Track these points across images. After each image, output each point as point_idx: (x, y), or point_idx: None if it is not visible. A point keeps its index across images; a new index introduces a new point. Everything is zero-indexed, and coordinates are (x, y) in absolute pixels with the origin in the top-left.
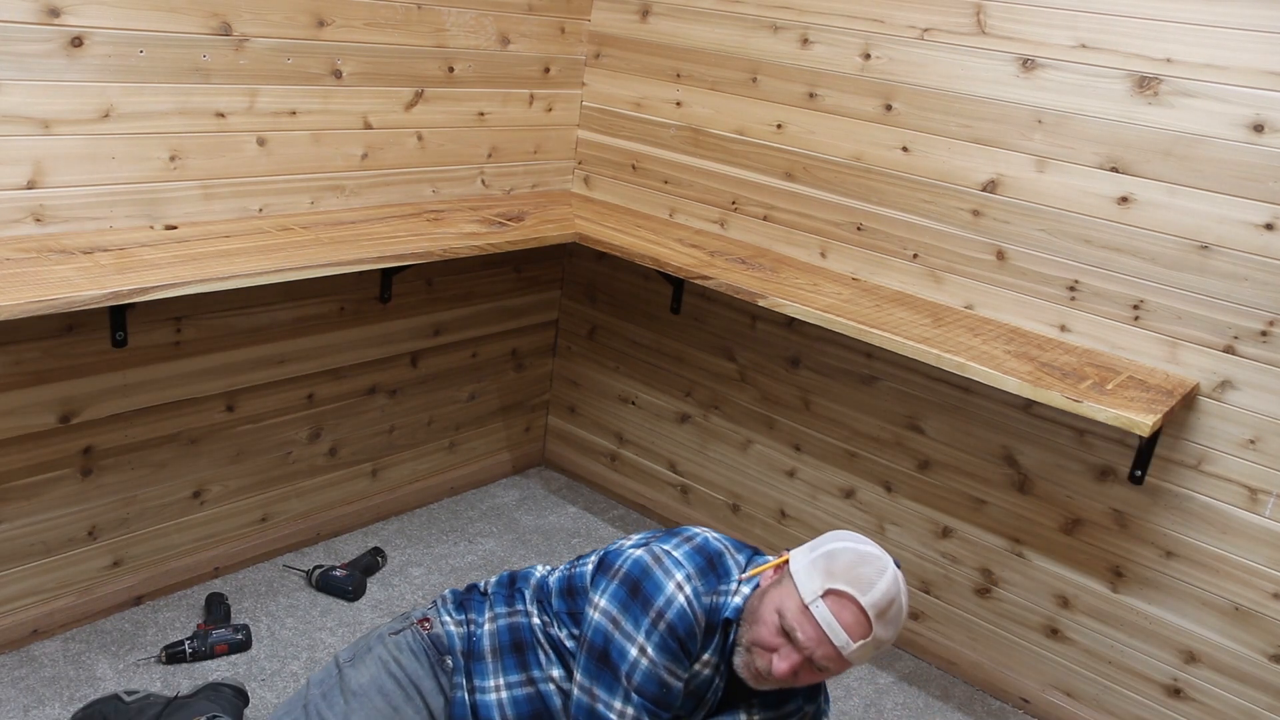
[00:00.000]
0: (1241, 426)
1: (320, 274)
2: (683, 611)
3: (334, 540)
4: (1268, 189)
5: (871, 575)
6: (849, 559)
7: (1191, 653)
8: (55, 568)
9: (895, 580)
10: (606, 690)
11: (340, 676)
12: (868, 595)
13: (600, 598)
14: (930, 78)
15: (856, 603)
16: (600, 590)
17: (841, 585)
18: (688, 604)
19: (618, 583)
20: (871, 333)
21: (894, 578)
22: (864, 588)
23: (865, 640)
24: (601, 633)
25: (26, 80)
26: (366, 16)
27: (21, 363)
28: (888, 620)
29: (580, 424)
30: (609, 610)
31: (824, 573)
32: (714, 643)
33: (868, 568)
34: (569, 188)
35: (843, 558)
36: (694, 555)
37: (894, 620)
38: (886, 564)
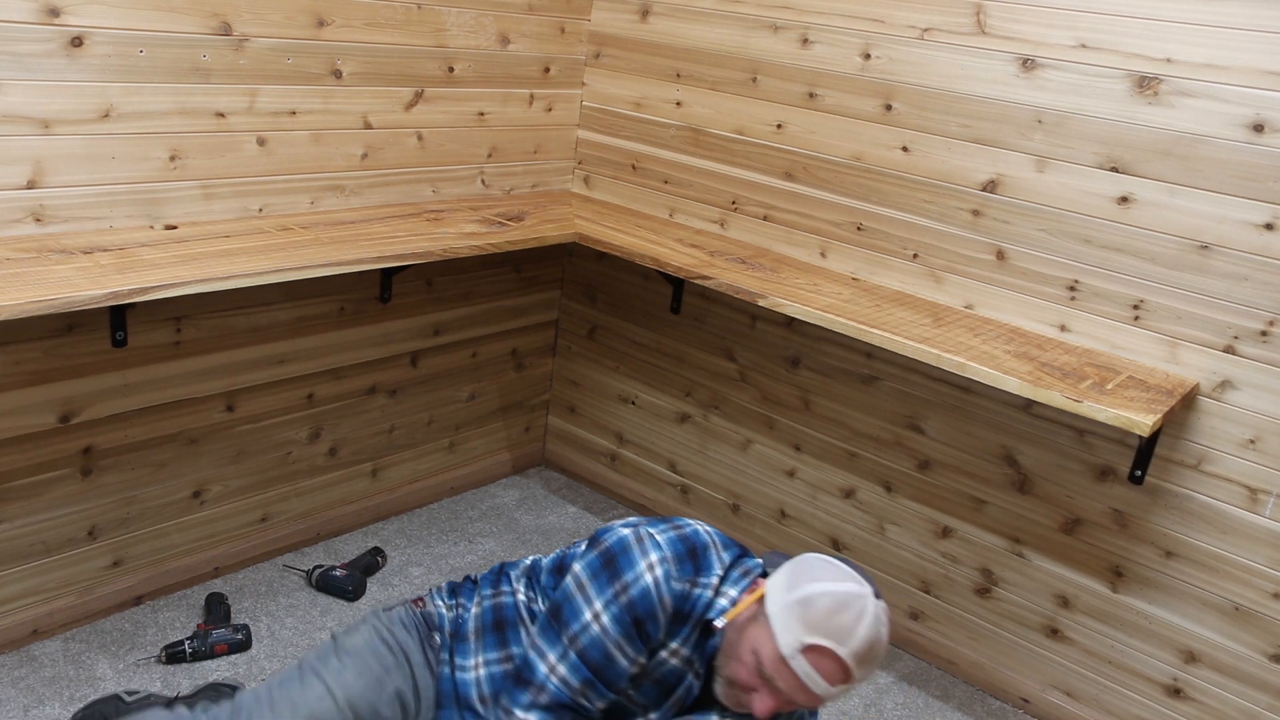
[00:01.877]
0: (1241, 426)
1: (320, 274)
2: (646, 591)
3: (334, 540)
4: (1268, 189)
5: (850, 622)
6: (827, 605)
7: (1191, 653)
8: (55, 568)
9: (875, 620)
10: (548, 644)
11: (335, 642)
12: (847, 645)
13: (577, 564)
14: (930, 78)
15: (835, 655)
16: (579, 559)
17: (820, 640)
18: (654, 585)
19: (596, 554)
20: (871, 333)
21: (874, 618)
22: (843, 638)
23: (846, 685)
24: (565, 593)
25: (26, 80)
26: (366, 16)
27: (21, 363)
28: (868, 661)
29: (580, 424)
30: (579, 576)
31: (801, 623)
32: (686, 634)
33: (847, 614)
34: (569, 188)
35: (820, 604)
36: (676, 542)
37: (874, 658)
38: (865, 604)
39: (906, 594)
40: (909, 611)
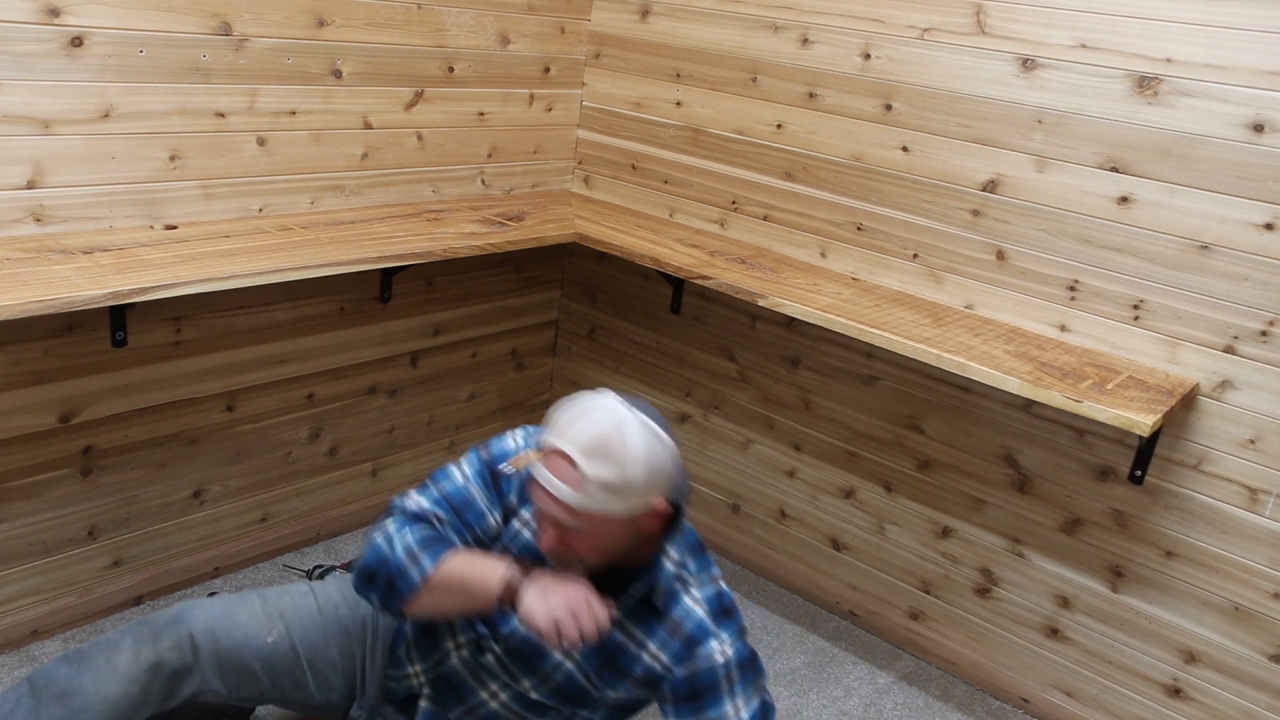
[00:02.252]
0: (1241, 426)
1: (320, 274)
2: (505, 449)
3: (334, 540)
4: (1268, 189)
5: (573, 418)
6: (559, 414)
7: (1191, 653)
8: (55, 568)
9: (607, 418)
10: (417, 491)
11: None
12: (566, 437)
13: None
14: (930, 78)
15: (559, 450)
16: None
17: (547, 439)
18: (513, 440)
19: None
20: (871, 333)
21: (607, 417)
22: (562, 432)
23: (583, 482)
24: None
25: (26, 80)
26: (366, 16)
27: (21, 363)
28: (598, 457)
29: None
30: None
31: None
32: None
33: (571, 412)
34: (569, 188)
35: (554, 415)
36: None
37: (608, 456)
38: (598, 405)
39: (906, 594)
40: (909, 611)
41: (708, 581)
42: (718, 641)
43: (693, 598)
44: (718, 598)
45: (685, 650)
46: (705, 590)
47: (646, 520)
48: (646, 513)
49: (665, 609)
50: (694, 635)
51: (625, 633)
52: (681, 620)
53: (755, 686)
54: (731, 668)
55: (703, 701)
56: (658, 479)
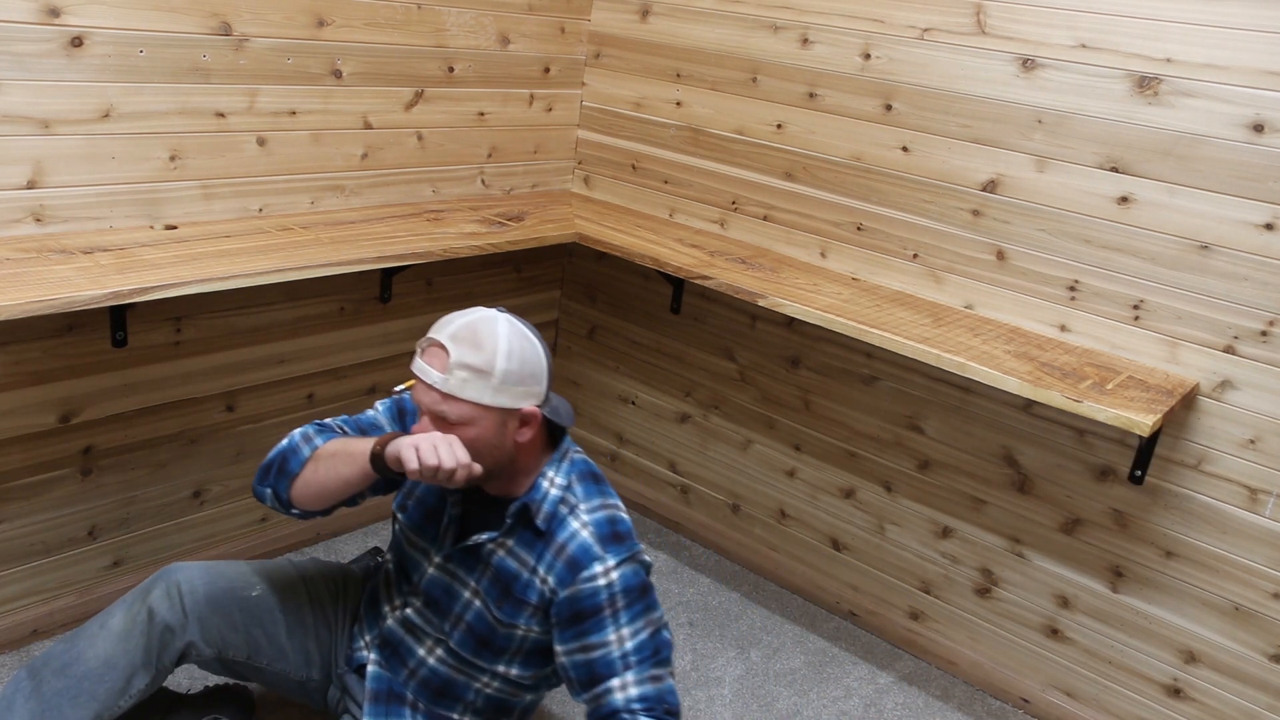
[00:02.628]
0: (1241, 426)
1: (320, 274)
2: (406, 390)
3: (334, 540)
4: (1268, 189)
5: (453, 316)
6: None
7: (1191, 653)
8: (55, 568)
9: (479, 314)
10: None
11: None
12: (443, 330)
13: None
14: (930, 78)
15: (434, 341)
16: None
17: (431, 331)
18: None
19: None
20: (871, 333)
21: (478, 313)
22: (440, 326)
23: (448, 364)
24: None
25: (26, 80)
26: (366, 16)
27: (21, 363)
28: (464, 342)
29: (580, 424)
30: None
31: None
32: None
33: (451, 315)
34: (569, 188)
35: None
36: None
37: (474, 342)
38: (476, 310)
39: (906, 594)
40: (909, 611)
41: (599, 507)
42: (601, 564)
43: (579, 521)
44: (609, 522)
45: (569, 572)
46: (595, 515)
47: (519, 428)
48: (517, 416)
49: (551, 532)
50: (577, 557)
51: (516, 558)
52: (566, 542)
53: (646, 619)
54: (616, 592)
55: (585, 626)
56: (525, 376)
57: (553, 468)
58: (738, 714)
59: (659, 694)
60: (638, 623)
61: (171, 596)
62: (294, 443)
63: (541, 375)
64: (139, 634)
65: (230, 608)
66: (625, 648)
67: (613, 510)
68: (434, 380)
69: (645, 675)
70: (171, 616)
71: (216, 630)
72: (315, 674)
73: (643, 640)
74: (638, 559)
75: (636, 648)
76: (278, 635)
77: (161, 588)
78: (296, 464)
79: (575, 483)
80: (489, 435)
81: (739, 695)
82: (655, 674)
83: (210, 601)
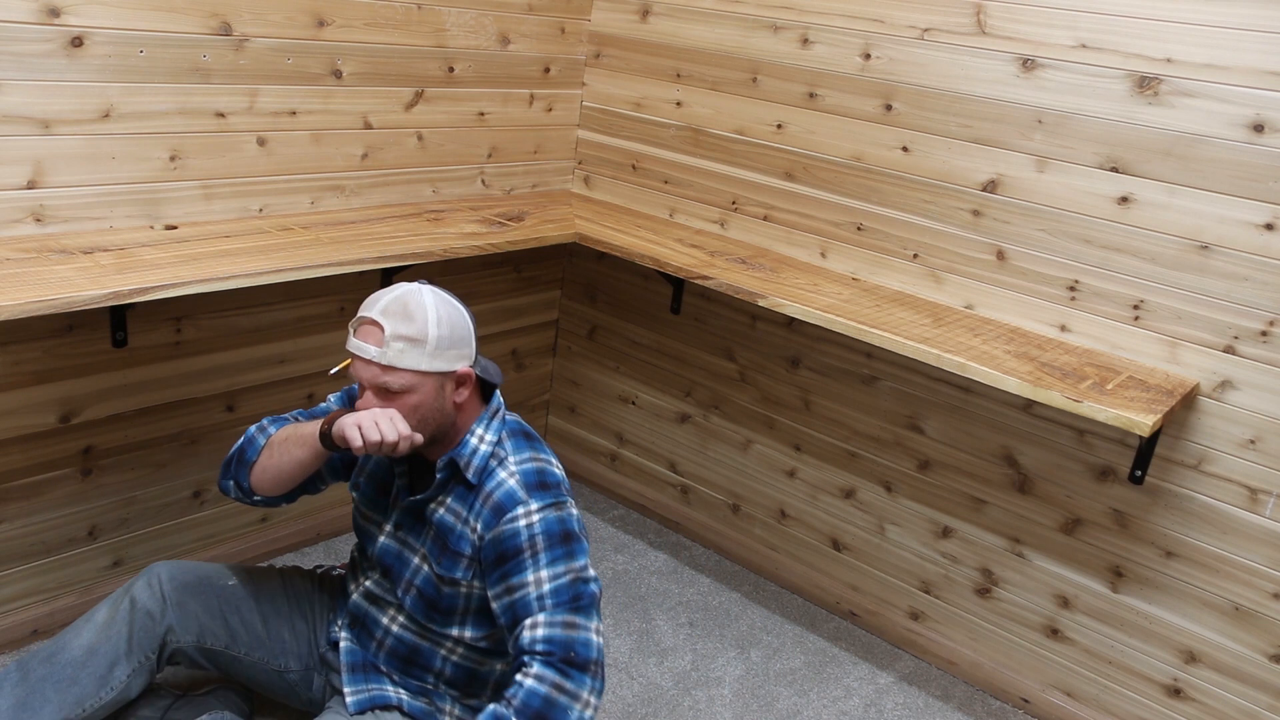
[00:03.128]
0: (1241, 426)
1: (320, 274)
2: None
3: (334, 540)
4: (1268, 189)
5: (379, 294)
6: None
7: (1191, 653)
8: (55, 568)
9: (404, 288)
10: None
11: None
12: (371, 310)
13: None
14: (930, 78)
15: (366, 319)
16: None
17: (357, 315)
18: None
19: None
20: (871, 333)
21: (402, 287)
22: (369, 305)
23: (383, 338)
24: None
25: (26, 80)
26: (366, 16)
27: (21, 363)
28: (396, 315)
29: (580, 424)
30: None
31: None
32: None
33: (376, 294)
34: (569, 188)
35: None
36: None
37: (405, 313)
38: (400, 286)
39: (906, 594)
40: (909, 611)
41: (528, 460)
42: (524, 508)
43: (507, 470)
44: (536, 473)
45: (494, 517)
46: (523, 466)
47: (456, 389)
48: (453, 378)
49: (481, 484)
50: (502, 502)
51: (452, 513)
52: (493, 491)
53: (567, 565)
54: (536, 534)
55: (507, 567)
56: (456, 340)
57: (481, 425)
58: (738, 714)
59: (567, 640)
60: (558, 566)
61: (152, 586)
62: (250, 435)
63: (470, 338)
64: (121, 622)
65: (208, 594)
66: (543, 590)
67: (542, 463)
68: (372, 354)
69: (557, 619)
70: (152, 603)
71: (194, 616)
72: (292, 663)
73: (561, 585)
74: (563, 508)
75: (554, 591)
76: (254, 623)
77: (143, 579)
78: (253, 453)
79: (506, 439)
80: (430, 400)
81: (739, 695)
82: (569, 620)
83: (188, 588)
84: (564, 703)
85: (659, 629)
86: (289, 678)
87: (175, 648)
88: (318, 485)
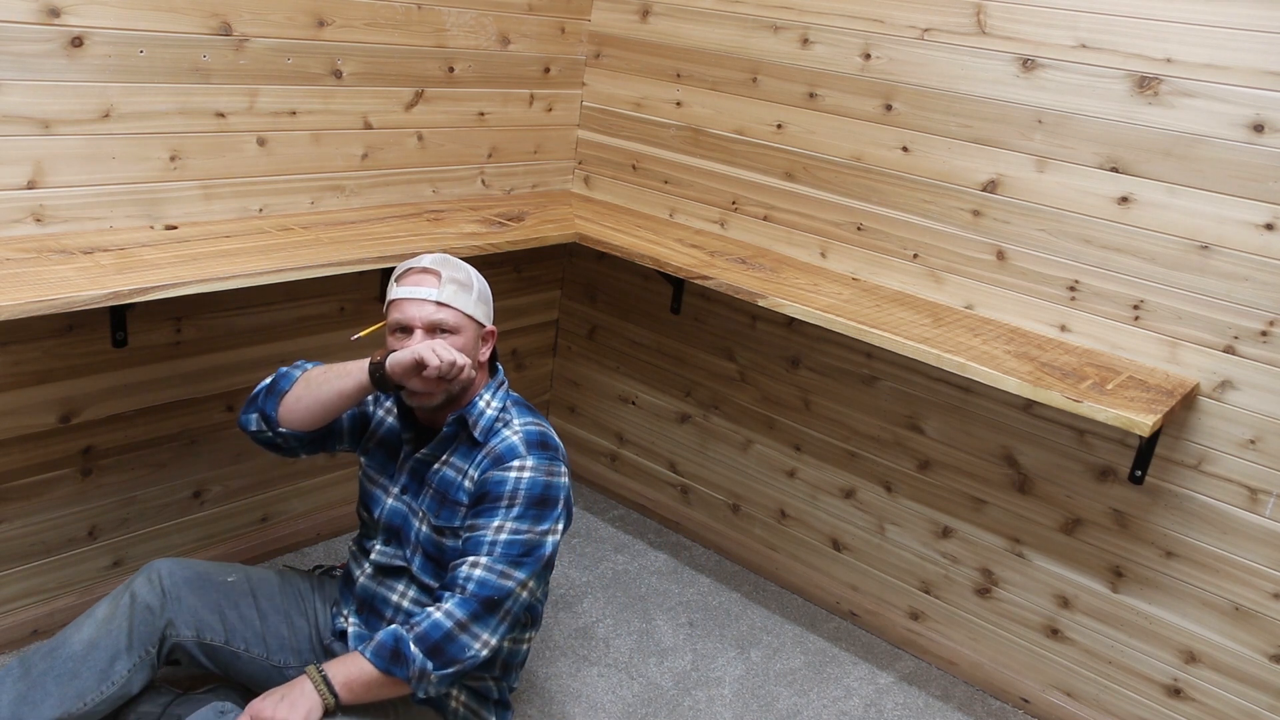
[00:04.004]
0: (1241, 426)
1: (320, 274)
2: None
3: (334, 540)
4: (1268, 189)
5: (416, 257)
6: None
7: (1191, 653)
8: (55, 568)
9: (440, 251)
10: None
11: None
12: (421, 262)
13: None
14: (930, 78)
15: (417, 268)
16: None
17: (399, 272)
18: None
19: None
20: (871, 333)
21: (438, 253)
22: (413, 262)
23: (441, 280)
24: None
25: (26, 80)
26: (366, 16)
27: (21, 363)
28: (444, 264)
29: (580, 424)
30: None
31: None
32: (390, 397)
33: (408, 260)
34: (569, 188)
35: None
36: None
37: (450, 264)
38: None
39: (906, 594)
40: (909, 611)
41: (532, 423)
42: (520, 460)
43: (512, 429)
44: (539, 434)
45: (493, 464)
46: (528, 427)
47: (483, 345)
48: (484, 332)
49: (487, 441)
50: (502, 453)
51: (454, 468)
52: (496, 445)
53: (531, 526)
54: (520, 490)
55: (482, 506)
56: (487, 296)
57: (489, 391)
58: (738, 714)
59: (497, 587)
60: (522, 524)
61: (152, 581)
62: (282, 371)
63: (492, 303)
64: (122, 617)
65: (206, 589)
66: (498, 538)
67: (544, 428)
68: (430, 293)
69: (497, 567)
70: (151, 598)
71: (192, 609)
72: (291, 659)
73: (517, 540)
74: (555, 473)
75: (507, 542)
76: (252, 618)
77: (143, 575)
78: (286, 383)
79: (510, 406)
80: (470, 345)
81: (739, 695)
82: (506, 571)
83: (187, 583)
84: (464, 640)
85: (659, 629)
86: (289, 674)
87: (175, 643)
88: (334, 444)
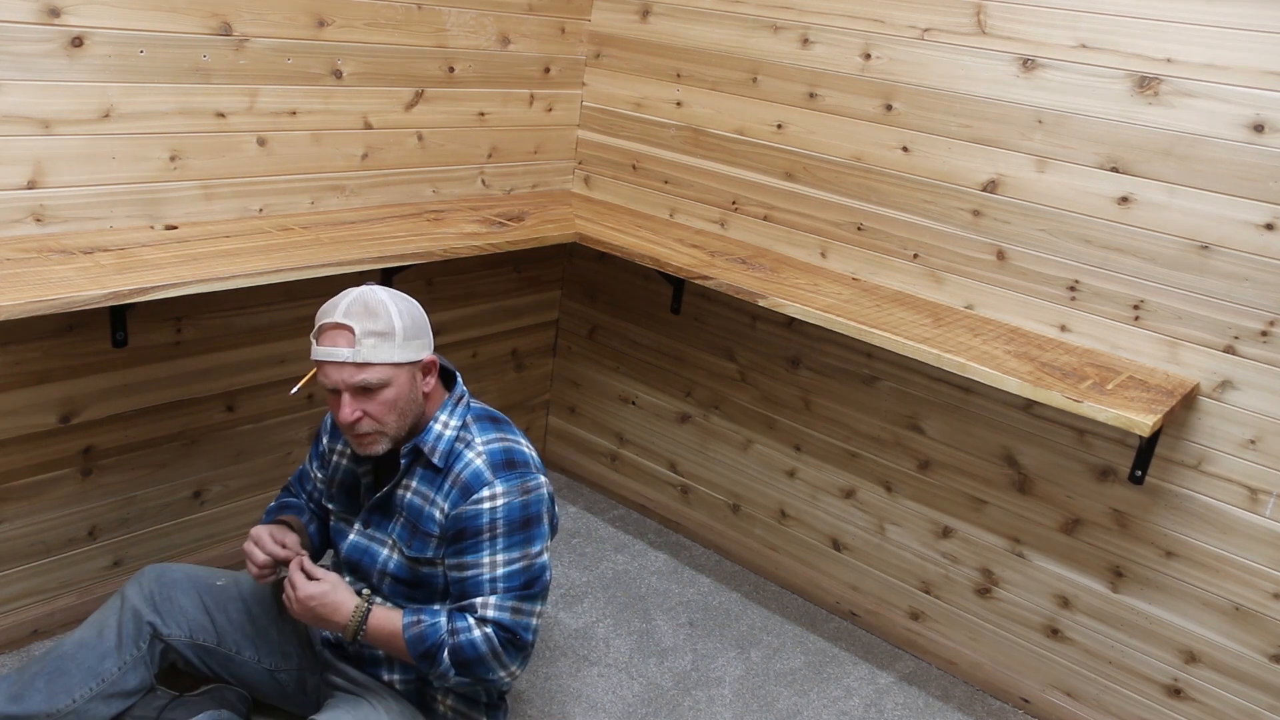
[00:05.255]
0: (1241, 426)
1: (320, 274)
2: (324, 419)
3: None
4: (1268, 189)
5: (334, 301)
6: (318, 317)
7: (1191, 653)
8: (55, 568)
9: (353, 291)
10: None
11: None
12: (334, 315)
13: None
14: (930, 78)
15: (330, 325)
16: None
17: (318, 323)
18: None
19: None
20: (871, 333)
21: (358, 291)
22: (329, 312)
23: (354, 337)
24: None
25: (26, 80)
26: (366, 16)
27: (21, 363)
28: (358, 314)
29: (580, 424)
30: None
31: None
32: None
33: (328, 302)
34: (569, 188)
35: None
36: None
37: (367, 311)
38: (350, 291)
39: (906, 594)
40: (909, 611)
41: (495, 440)
42: (489, 489)
43: (475, 451)
44: (503, 451)
45: (461, 496)
46: (490, 446)
47: (424, 378)
48: (420, 367)
49: (449, 466)
50: (469, 482)
51: (420, 495)
52: (460, 471)
53: (523, 551)
54: (498, 519)
55: (464, 544)
56: (418, 330)
57: (445, 411)
58: (738, 714)
59: (513, 625)
60: (513, 552)
61: (143, 584)
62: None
63: (427, 327)
64: (112, 619)
65: (193, 591)
66: (496, 573)
67: (510, 443)
68: (346, 355)
69: (507, 604)
70: (139, 600)
71: (181, 610)
72: (282, 662)
73: (514, 570)
74: (529, 489)
75: (506, 575)
76: (241, 621)
77: (134, 580)
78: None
79: (471, 423)
80: (405, 391)
81: (739, 695)
82: (517, 606)
83: (175, 584)
84: (493, 665)
85: (659, 629)
86: (280, 677)
87: (168, 644)
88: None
